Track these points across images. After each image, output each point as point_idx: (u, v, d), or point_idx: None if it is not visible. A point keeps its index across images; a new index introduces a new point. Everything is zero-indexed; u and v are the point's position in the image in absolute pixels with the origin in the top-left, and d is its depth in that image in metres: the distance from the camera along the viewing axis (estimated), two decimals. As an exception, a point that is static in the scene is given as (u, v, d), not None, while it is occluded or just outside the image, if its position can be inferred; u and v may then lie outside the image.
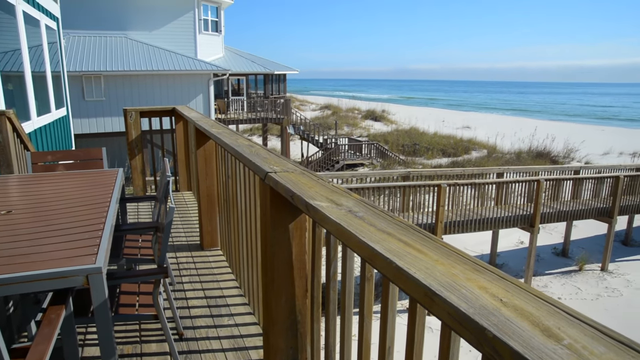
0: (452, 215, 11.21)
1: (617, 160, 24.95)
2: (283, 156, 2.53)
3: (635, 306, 11.19)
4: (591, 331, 0.81)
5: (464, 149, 26.23)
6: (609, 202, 13.34)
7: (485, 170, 14.41)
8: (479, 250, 14.13)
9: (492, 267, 1.03)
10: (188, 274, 3.93)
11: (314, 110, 46.89)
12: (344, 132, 32.83)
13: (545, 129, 34.96)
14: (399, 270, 1.03)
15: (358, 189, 10.12)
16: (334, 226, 1.36)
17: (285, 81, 31.33)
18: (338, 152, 23.24)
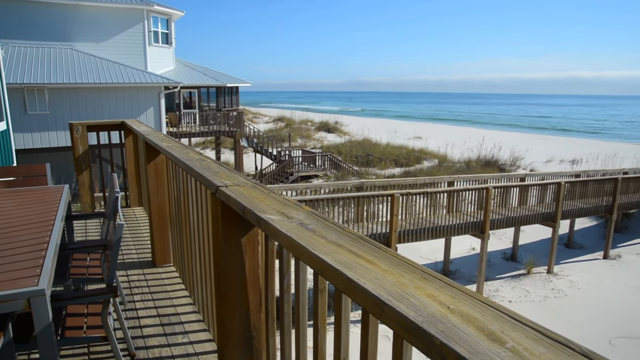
0: (405, 224, 11.40)
1: (558, 167, 26.19)
2: (235, 170, 2.51)
3: (578, 305, 11.70)
4: (532, 333, 0.84)
5: (416, 159, 26.82)
6: (552, 207, 13.94)
7: (436, 179, 14.77)
8: (433, 257, 14.43)
9: (440, 275, 1.06)
10: (140, 292, 3.81)
11: (267, 122, 46.80)
12: (298, 144, 32.90)
13: (492, 138, 36.27)
14: (349, 281, 1.04)
15: (312, 200, 10.14)
16: (286, 239, 1.36)
17: (237, 94, 31.15)
18: (292, 164, 23.25)
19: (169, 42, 24.88)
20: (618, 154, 30.08)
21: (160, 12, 23.34)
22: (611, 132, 67.24)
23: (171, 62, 25.90)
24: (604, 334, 10.34)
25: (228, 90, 29.76)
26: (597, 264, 14.71)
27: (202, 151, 31.46)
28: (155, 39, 23.33)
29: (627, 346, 9.86)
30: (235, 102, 30.87)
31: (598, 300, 11.98)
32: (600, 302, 11.91)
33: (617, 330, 10.47)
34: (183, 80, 23.99)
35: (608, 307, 11.58)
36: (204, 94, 28.98)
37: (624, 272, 13.84)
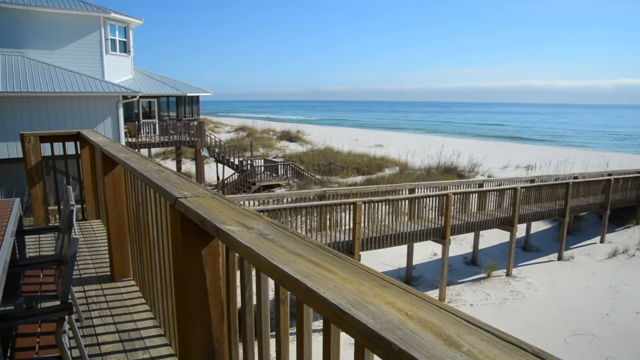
0: (368, 232, 11.50)
1: (514, 173, 27.03)
2: (194, 180, 2.47)
3: (535, 306, 12.06)
4: (487, 336, 0.86)
5: (377, 167, 27.12)
6: (510, 212, 14.36)
7: (398, 187, 14.98)
8: (396, 264, 14.59)
9: (399, 282, 1.07)
10: (98, 307, 3.69)
11: (228, 132, 46.41)
12: (260, 153, 32.75)
13: (451, 145, 37.10)
14: (309, 291, 1.04)
15: (275, 210, 10.10)
16: (245, 250, 1.35)
17: (198, 103, 30.79)
18: (254, 173, 23.11)
19: (127, 50, 24.38)
20: (569, 160, 31.31)
21: (118, 19, 22.86)
22: (562, 139, 70.07)
23: (129, 71, 25.37)
24: (559, 332, 10.69)
25: (188, 99, 29.38)
26: (552, 265, 15.22)
27: (163, 162, 30.78)
28: (113, 47, 22.82)
29: (581, 343, 10.22)
30: (196, 111, 30.49)
31: (554, 301, 12.39)
32: (555, 302, 12.32)
33: (572, 328, 10.85)
34: (142, 90, 23.53)
35: (563, 307, 11.99)
36: (164, 104, 28.51)
37: (576, 273, 14.37)
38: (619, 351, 9.87)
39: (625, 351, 9.88)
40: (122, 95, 18.77)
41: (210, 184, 26.43)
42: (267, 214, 10.06)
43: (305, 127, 52.29)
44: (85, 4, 21.41)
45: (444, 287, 12.55)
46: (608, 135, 79.28)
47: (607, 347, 10.02)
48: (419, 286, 13.45)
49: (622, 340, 10.31)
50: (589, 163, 30.49)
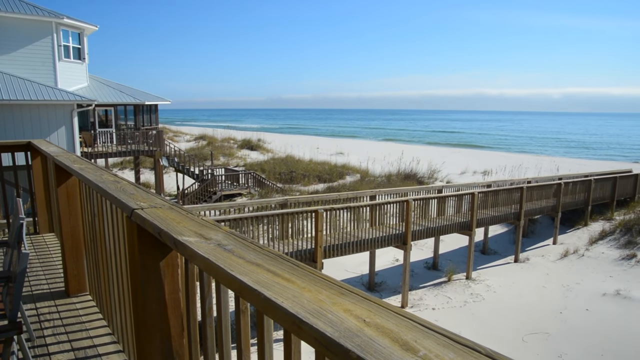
0: (330, 239, 11.53)
1: (472, 179, 27.74)
2: (152, 191, 2.43)
3: (494, 307, 12.37)
4: (443, 340, 0.88)
5: (338, 174, 27.29)
6: (468, 217, 14.71)
7: (359, 194, 15.11)
8: (359, 271, 14.68)
9: (357, 289, 1.08)
10: (51, 325, 3.55)
11: (188, 141, 45.72)
12: (221, 162, 32.40)
13: (411, 152, 37.77)
14: (267, 301, 1.04)
15: (236, 219, 10.00)
16: (203, 261, 1.33)
17: (157, 112, 30.23)
18: (215, 182, 22.83)
19: (82, 57, 23.70)
20: (522, 165, 32.40)
21: (71, 25, 22.20)
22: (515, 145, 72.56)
23: (84, 78, 24.65)
24: (517, 332, 11.00)
25: (147, 108, 28.78)
26: (509, 267, 15.67)
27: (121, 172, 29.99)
28: (66, 53, 22.13)
29: (537, 341, 10.55)
30: (154, 120, 29.91)
31: (511, 301, 12.74)
32: (513, 302, 12.67)
33: (529, 327, 11.18)
34: (98, 98, 22.90)
35: (520, 307, 12.35)
36: (121, 112, 27.82)
37: (532, 274, 14.84)
38: (572, 347, 10.24)
39: (577, 347, 10.26)
40: (77, 104, 18.21)
41: (170, 194, 25.94)
42: (228, 223, 9.95)
43: (267, 135, 52.13)
44: (35, 9, 20.70)
45: (406, 292, 12.70)
46: (558, 142, 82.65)
47: (561, 344, 10.39)
48: (381, 292, 13.58)
49: (574, 336, 10.71)
50: (541, 168, 31.64)
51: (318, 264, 10.83)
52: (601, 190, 19.88)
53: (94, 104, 19.59)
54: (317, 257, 10.81)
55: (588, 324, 11.34)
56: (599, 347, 10.24)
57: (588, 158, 52.03)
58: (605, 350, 10.08)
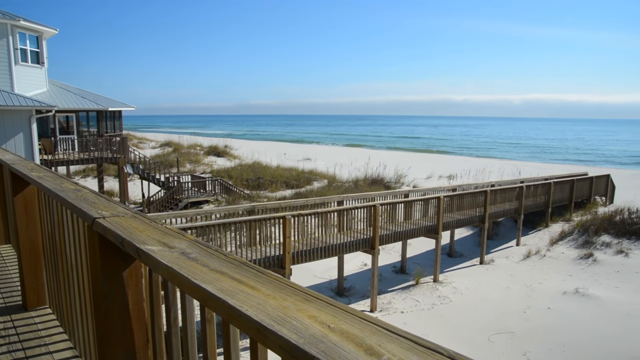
0: (299, 245, 11.51)
1: (437, 183, 28.23)
2: (114, 199, 2.37)
3: (461, 309, 12.58)
4: (406, 343, 0.89)
5: (306, 180, 27.30)
6: (434, 220, 14.94)
7: (327, 199, 15.15)
8: (327, 276, 14.69)
9: (322, 295, 1.09)
10: (6, 342, 3.40)
11: (153, 148, 44.93)
12: (187, 169, 31.95)
13: (377, 157, 38.15)
14: (231, 309, 1.03)
15: (203, 226, 9.87)
16: (167, 270, 1.31)
17: (121, 118, 29.60)
18: (181, 190, 22.48)
19: (40, 61, 23.01)
20: (486, 169, 33.17)
21: (29, 28, 21.53)
22: (479, 150, 74.32)
23: (43, 83, 23.94)
24: (484, 332, 11.22)
25: (110, 114, 28.15)
26: (475, 269, 15.99)
27: (83, 180, 29.11)
28: (24, 57, 21.45)
29: (503, 340, 10.79)
30: (118, 126, 29.28)
31: (478, 303, 12.99)
32: (479, 304, 12.92)
33: (495, 327, 11.42)
34: (58, 104, 22.24)
35: (486, 308, 12.60)
36: (83, 119, 27.11)
37: (497, 275, 15.18)
38: (535, 345, 10.52)
39: (541, 344, 10.54)
40: (36, 110, 17.65)
41: (135, 202, 25.40)
42: (195, 231, 9.82)
43: (233, 141, 51.71)
44: (-11, 11, 20.03)
45: (375, 297, 12.79)
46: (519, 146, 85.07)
47: (525, 343, 10.65)
48: (351, 297, 13.63)
49: (538, 334, 11.00)
50: (503, 172, 32.47)
51: (286, 270, 10.79)
52: (560, 192, 20.54)
53: (54, 110, 19.03)
54: (286, 264, 10.77)
55: (550, 322, 11.67)
56: (560, 343, 10.55)
57: (547, 162, 53.81)
58: (566, 347, 10.39)
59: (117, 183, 25.59)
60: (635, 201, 20.32)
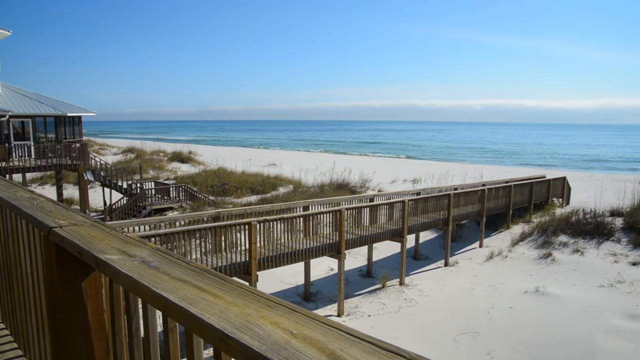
0: (265, 251, 11.44)
1: (402, 187, 28.58)
2: (73, 208, 2.31)
3: (427, 311, 12.76)
4: (368, 347, 0.90)
5: (271, 186, 27.19)
6: (399, 224, 15.12)
7: (292, 205, 15.12)
8: (294, 281, 14.65)
9: (285, 301, 1.09)
10: (-44, 361, 3.25)
11: (115, 154, 43.91)
12: (150, 175, 31.33)
13: (343, 162, 38.36)
14: (193, 317, 1.02)
15: (167, 234, 9.69)
16: (127, 280, 1.28)
17: (80, 124, 28.79)
18: (144, 197, 22.02)
19: (-8, 66, 22.18)
20: (449, 173, 33.81)
21: (-20, 33, 20.76)
22: (443, 154, 75.83)
23: (-4, 88, 23.07)
24: (450, 333, 11.40)
25: (69, 120, 27.33)
26: (440, 271, 16.25)
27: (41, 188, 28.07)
28: (-25, 62, 20.64)
29: (468, 340, 10.99)
30: (78, 132, 28.45)
31: (443, 304, 13.21)
32: (444, 305, 13.14)
33: (460, 327, 11.63)
34: (12, 109, 21.48)
35: (451, 309, 12.82)
36: (41, 124, 26.22)
37: (461, 276, 15.48)
38: (499, 344, 10.77)
39: (504, 343, 10.80)
40: (-12, 116, 16.98)
41: (96, 210, 24.72)
42: (159, 238, 9.63)
43: (198, 147, 51.10)
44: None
45: (342, 301, 12.82)
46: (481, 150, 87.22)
47: (490, 342, 10.89)
48: (317, 302, 13.62)
49: (501, 333, 11.27)
50: (466, 175, 33.16)
51: (253, 277, 10.70)
52: (520, 195, 21.15)
53: (7, 115, 18.35)
54: (252, 270, 10.69)
55: (512, 320, 11.98)
56: (522, 341, 10.84)
57: (508, 165, 55.31)
58: (527, 344, 10.68)
59: (77, 191, 24.85)
60: (589, 202, 21.12)
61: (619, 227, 17.82)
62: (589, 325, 11.56)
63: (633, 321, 11.78)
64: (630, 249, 16.49)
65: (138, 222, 11.49)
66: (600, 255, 16.25)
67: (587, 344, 10.66)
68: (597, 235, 17.51)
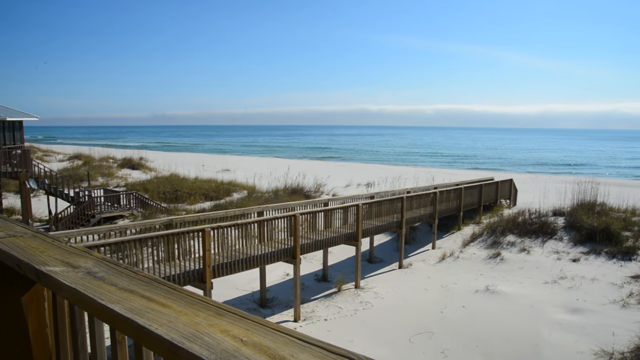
0: (219, 258, 11.27)
1: (356, 191, 28.89)
2: (12, 218, 2.20)
3: (383, 313, 12.93)
4: (319, 351, 0.91)
5: (225, 192, 26.86)
6: (354, 228, 15.26)
7: (247, 211, 14.98)
8: (250, 288, 14.51)
9: (235, 308, 1.08)
10: None
11: (61, 161, 42.20)
12: (99, 183, 30.30)
13: (297, 167, 38.39)
14: (140, 329, 0.99)
15: (118, 243, 9.38)
16: (70, 292, 1.23)
17: (22, 129, 27.48)
18: (93, 205, 21.26)
19: None
20: (402, 176, 34.47)
21: None
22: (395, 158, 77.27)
23: None
24: (405, 333, 11.59)
25: (9, 125, 26.03)
26: (394, 274, 16.51)
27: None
28: None
29: (423, 340, 11.21)
30: (19, 138, 27.13)
31: (398, 306, 13.42)
32: (400, 307, 13.35)
33: (415, 328, 11.84)
34: (-54, 115, 20.24)
35: (406, 310, 13.04)
36: (-24, 131, 24.85)
37: (415, 278, 15.78)
38: (452, 342, 11.04)
39: (457, 341, 11.09)
40: None
41: (41, 219, 23.64)
42: (109, 248, 9.31)
43: (149, 153, 49.89)
44: None
45: (298, 306, 12.80)
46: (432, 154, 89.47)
47: (443, 341, 11.15)
48: (274, 307, 13.54)
49: (454, 332, 11.56)
50: (418, 178, 33.91)
51: (207, 284, 10.52)
52: (470, 197, 21.81)
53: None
54: (206, 277, 10.50)
55: (465, 319, 12.31)
56: (474, 339, 11.16)
57: (458, 168, 57.01)
58: (479, 342, 11.01)
59: (19, 200, 23.69)
60: (534, 202, 22.08)
61: (561, 226, 18.69)
62: (535, 320, 12.05)
63: (574, 314, 12.37)
64: (571, 247, 17.33)
65: (86, 232, 11.07)
66: (544, 254, 16.98)
67: (534, 337, 11.10)
68: (541, 234, 18.29)
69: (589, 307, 12.79)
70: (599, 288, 14.06)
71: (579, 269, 15.48)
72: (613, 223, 17.51)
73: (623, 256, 16.14)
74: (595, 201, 20.26)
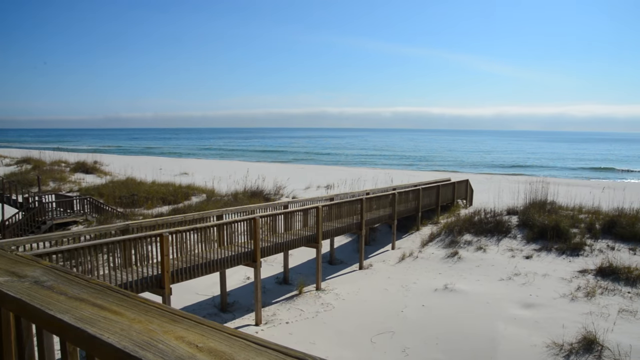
0: (178, 263, 11.06)
1: (316, 193, 28.95)
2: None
3: (344, 314, 13.00)
4: (275, 355, 0.90)
5: (183, 195, 26.39)
6: (314, 230, 15.28)
7: (206, 214, 14.75)
8: (210, 292, 14.30)
9: (190, 314, 1.06)
10: None
11: (8, 165, 40.42)
12: (50, 188, 29.18)
13: (256, 170, 38.16)
14: (92, 339, 0.96)
15: (71, 249, 9.06)
16: (15, 303, 1.18)
17: (-36, 133, 26.19)
18: (44, 211, 20.45)
19: None
20: (361, 178, 34.81)
21: None
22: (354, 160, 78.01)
23: None
24: (366, 334, 11.69)
25: (-50, 129, 24.76)
26: (355, 275, 16.63)
27: None
28: None
29: (384, 340, 11.34)
30: (-39, 143, 25.84)
31: (359, 307, 13.52)
32: (361, 307, 13.45)
33: (376, 328, 11.96)
34: None
35: (367, 311, 13.16)
36: None
37: (375, 278, 15.95)
38: (413, 341, 11.22)
39: (418, 340, 11.27)
40: None
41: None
42: (62, 255, 8.98)
43: (104, 157, 48.38)
44: None
45: (259, 310, 12.70)
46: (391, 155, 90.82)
47: (404, 340, 11.31)
48: (235, 312, 13.39)
49: (415, 331, 11.75)
50: (377, 180, 34.33)
51: (166, 290, 10.30)
52: (428, 197, 22.25)
53: None
54: (165, 283, 10.28)
55: (425, 318, 12.53)
56: (434, 337, 11.38)
57: (416, 169, 58.09)
58: (439, 339, 11.23)
59: (-37, 207, 22.50)
60: (489, 202, 22.75)
61: (514, 224, 19.33)
62: (491, 316, 12.40)
63: (527, 309, 12.82)
64: (524, 244, 17.94)
65: (36, 239, 10.63)
66: (500, 251, 17.51)
67: (490, 333, 11.42)
68: (497, 232, 18.86)
69: (541, 301, 13.27)
70: (550, 283, 14.61)
71: (532, 266, 16.04)
72: (562, 221, 18.25)
73: (571, 252, 16.85)
74: (546, 200, 21.07)
